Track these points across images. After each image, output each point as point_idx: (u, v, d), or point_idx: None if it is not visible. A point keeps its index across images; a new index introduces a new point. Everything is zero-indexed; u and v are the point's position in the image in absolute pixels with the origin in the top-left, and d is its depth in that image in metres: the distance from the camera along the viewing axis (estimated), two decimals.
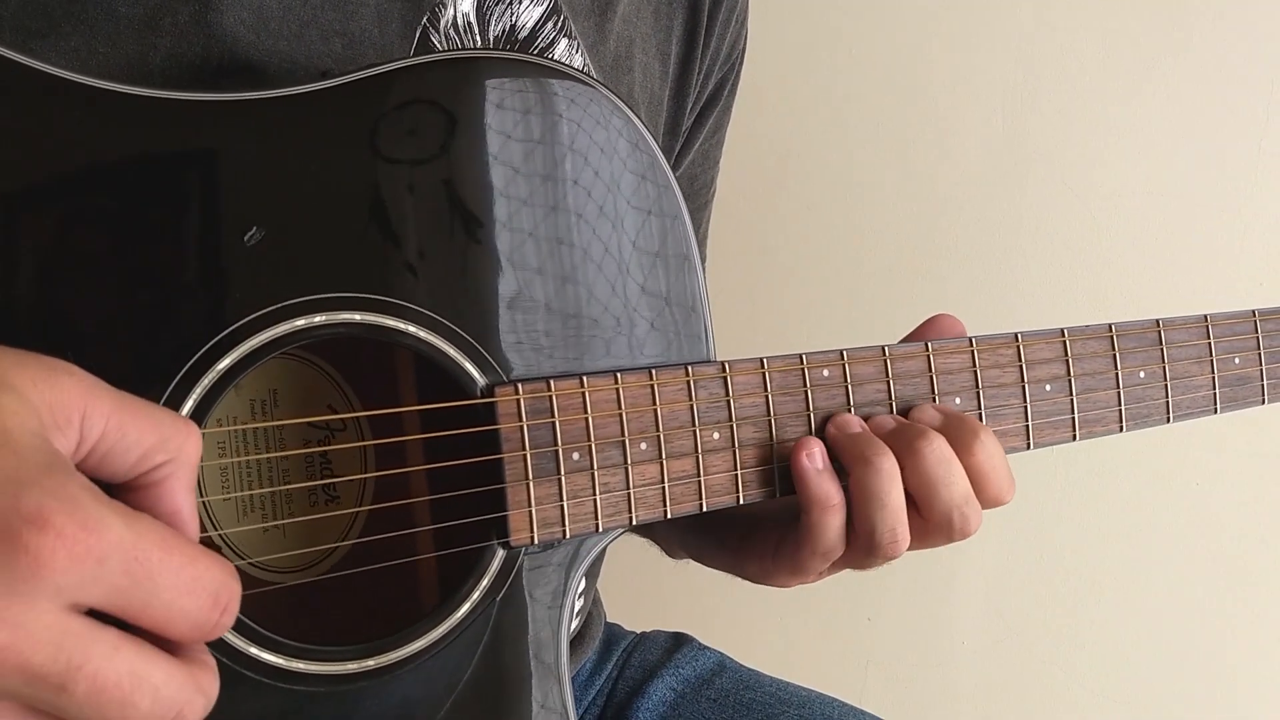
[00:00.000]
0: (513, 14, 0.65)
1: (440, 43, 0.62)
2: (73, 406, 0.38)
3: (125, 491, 0.40)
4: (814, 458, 0.61)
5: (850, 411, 0.63)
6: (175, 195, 0.49)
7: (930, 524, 0.61)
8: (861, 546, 0.62)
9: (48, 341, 0.46)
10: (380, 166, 0.52)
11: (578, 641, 0.82)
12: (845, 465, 0.61)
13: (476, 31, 0.63)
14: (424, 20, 0.61)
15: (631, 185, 0.58)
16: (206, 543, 0.56)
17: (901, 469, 0.60)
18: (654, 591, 1.28)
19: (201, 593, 0.38)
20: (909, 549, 0.62)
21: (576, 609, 0.79)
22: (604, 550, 0.81)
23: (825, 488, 0.61)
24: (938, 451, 0.60)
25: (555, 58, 0.66)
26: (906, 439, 0.61)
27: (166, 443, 0.40)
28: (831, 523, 0.61)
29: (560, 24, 0.67)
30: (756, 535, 0.68)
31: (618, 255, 0.57)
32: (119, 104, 0.48)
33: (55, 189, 0.47)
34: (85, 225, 0.48)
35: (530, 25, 0.65)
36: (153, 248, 0.48)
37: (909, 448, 0.60)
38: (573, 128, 0.56)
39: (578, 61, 0.67)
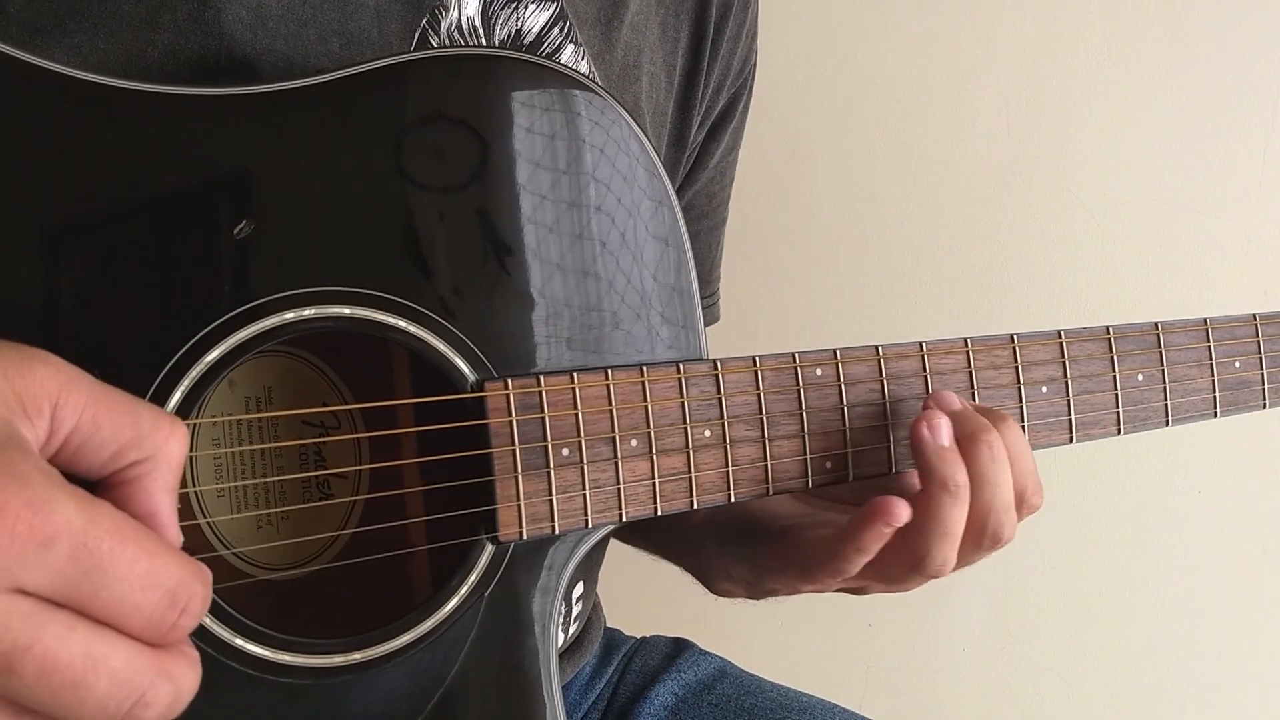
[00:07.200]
0: (518, 18, 0.65)
1: (439, 45, 0.62)
2: (44, 396, 0.37)
3: (103, 489, 0.39)
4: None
5: (844, 409, 0.63)
6: (166, 188, 0.49)
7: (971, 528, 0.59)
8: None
9: (34, 331, 0.47)
10: (375, 162, 0.53)
11: (577, 645, 0.82)
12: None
13: (481, 35, 0.63)
14: (424, 22, 0.61)
15: (631, 180, 0.58)
16: (195, 530, 0.56)
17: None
18: (654, 596, 1.28)
19: (156, 589, 0.36)
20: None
21: (575, 612, 0.79)
22: (602, 552, 0.81)
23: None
24: (997, 447, 0.58)
25: None
26: (969, 429, 0.58)
27: (144, 440, 0.38)
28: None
29: (566, 30, 0.67)
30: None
31: (616, 246, 0.57)
32: (113, 98, 0.49)
33: (45, 181, 0.47)
34: (75, 218, 0.48)
35: (536, 30, 0.65)
36: (143, 240, 0.49)
37: (971, 439, 0.58)
38: (580, 128, 0.56)
39: (583, 69, 0.67)
